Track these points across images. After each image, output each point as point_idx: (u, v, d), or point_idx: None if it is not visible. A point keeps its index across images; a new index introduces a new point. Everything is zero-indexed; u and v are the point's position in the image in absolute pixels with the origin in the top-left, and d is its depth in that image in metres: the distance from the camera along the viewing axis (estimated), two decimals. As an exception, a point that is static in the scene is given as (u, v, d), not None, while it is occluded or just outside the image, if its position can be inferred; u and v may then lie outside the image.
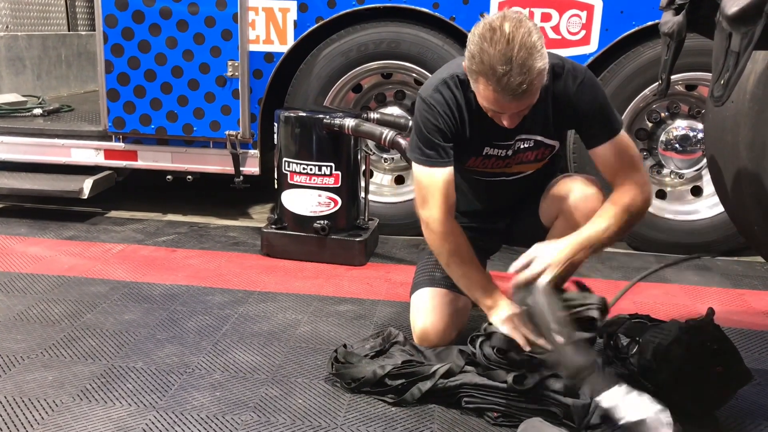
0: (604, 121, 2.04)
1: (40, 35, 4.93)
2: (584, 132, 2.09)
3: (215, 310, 2.64)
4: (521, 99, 1.82)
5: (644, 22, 3.30)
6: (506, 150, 2.16)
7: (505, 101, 1.82)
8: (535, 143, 2.16)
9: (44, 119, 4.08)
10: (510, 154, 2.18)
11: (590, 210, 2.08)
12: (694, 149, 3.53)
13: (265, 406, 1.98)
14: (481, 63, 1.78)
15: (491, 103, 1.86)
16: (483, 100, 1.88)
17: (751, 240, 2.30)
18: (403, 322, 2.55)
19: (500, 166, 2.22)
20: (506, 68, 1.74)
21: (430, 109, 2.05)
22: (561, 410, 1.86)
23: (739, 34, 1.49)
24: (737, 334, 2.52)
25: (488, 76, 1.78)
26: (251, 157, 3.68)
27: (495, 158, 2.19)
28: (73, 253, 3.23)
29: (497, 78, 1.76)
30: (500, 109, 1.87)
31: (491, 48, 1.75)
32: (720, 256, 3.53)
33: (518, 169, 2.24)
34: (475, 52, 1.80)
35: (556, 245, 1.94)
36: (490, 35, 1.76)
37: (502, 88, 1.78)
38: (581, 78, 2.02)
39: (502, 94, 1.79)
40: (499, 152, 2.17)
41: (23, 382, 2.05)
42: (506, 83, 1.76)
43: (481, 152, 2.17)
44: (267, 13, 3.49)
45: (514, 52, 1.73)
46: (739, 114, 2.01)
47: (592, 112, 2.03)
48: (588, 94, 2.02)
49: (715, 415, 2.00)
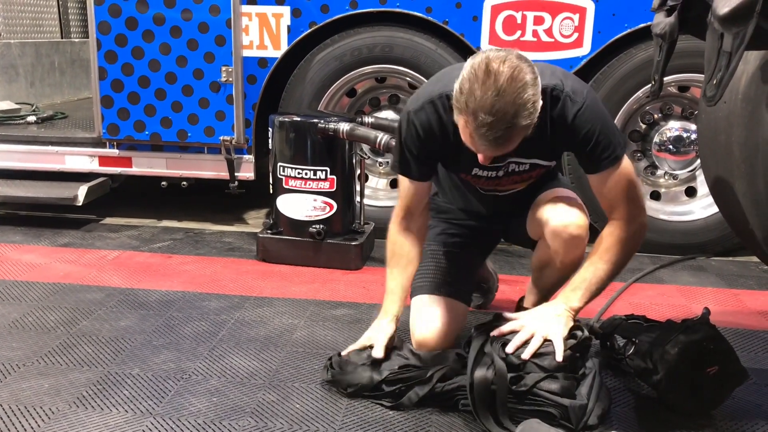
0: (602, 149, 1.96)
1: (33, 42, 4.93)
2: (581, 158, 2.04)
3: (211, 316, 2.63)
4: (496, 149, 1.79)
5: (636, 25, 3.32)
6: (496, 171, 2.14)
7: (480, 146, 1.79)
8: (530, 166, 2.14)
9: (38, 126, 4.07)
10: (501, 175, 2.15)
11: (568, 238, 2.11)
12: (687, 150, 3.54)
13: (263, 412, 1.98)
14: (466, 105, 1.72)
15: (468, 142, 1.83)
16: (462, 135, 1.84)
17: (746, 240, 2.30)
18: (400, 326, 2.55)
19: (491, 185, 2.22)
20: (488, 119, 1.69)
21: (412, 129, 2.03)
22: (558, 411, 1.86)
23: (731, 34, 1.50)
24: (733, 334, 2.52)
25: (468, 119, 1.74)
26: (246, 162, 3.68)
27: (485, 179, 2.18)
28: (68, 260, 3.22)
29: (476, 125, 1.72)
30: (475, 150, 1.84)
31: (479, 91, 1.69)
32: (715, 256, 3.54)
33: (510, 188, 2.24)
34: (464, 89, 1.73)
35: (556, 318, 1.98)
36: (484, 78, 1.69)
37: (479, 136, 1.74)
38: (580, 104, 1.92)
39: (478, 139, 1.76)
40: (489, 173, 2.15)
41: (19, 390, 2.05)
42: (483, 133, 1.72)
43: (470, 172, 2.16)
44: (260, 18, 3.49)
45: (501, 105, 1.68)
46: (731, 114, 2.02)
47: (591, 140, 1.94)
48: (587, 122, 1.93)
49: (711, 415, 2.00)
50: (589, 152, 1.97)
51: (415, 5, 3.41)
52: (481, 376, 1.89)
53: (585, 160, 2.02)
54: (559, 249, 2.14)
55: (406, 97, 3.69)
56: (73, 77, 5.35)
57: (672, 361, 1.94)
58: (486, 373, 1.89)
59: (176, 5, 3.44)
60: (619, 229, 2.01)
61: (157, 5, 3.45)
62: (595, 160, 1.99)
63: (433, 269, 2.35)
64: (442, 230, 2.44)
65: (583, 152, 2.00)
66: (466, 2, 3.37)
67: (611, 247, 2.01)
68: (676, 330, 2.01)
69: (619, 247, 2.01)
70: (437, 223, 2.45)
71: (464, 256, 2.40)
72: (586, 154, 1.99)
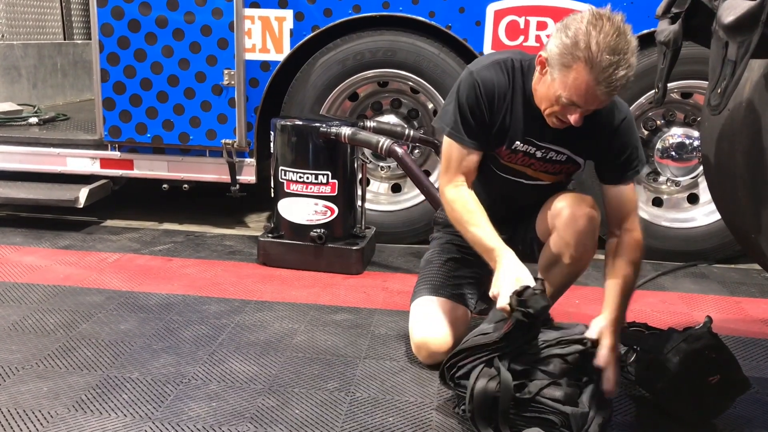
0: (632, 161, 2.05)
1: (36, 44, 4.93)
2: (608, 166, 2.09)
3: (211, 320, 2.62)
4: (611, 95, 1.81)
5: (639, 31, 3.31)
6: (536, 150, 2.12)
7: (597, 93, 1.78)
8: (567, 158, 2.14)
9: (40, 128, 4.07)
10: (539, 156, 2.14)
11: (582, 228, 2.08)
12: (690, 157, 3.53)
13: (262, 417, 1.97)
14: (588, 49, 1.72)
15: (579, 94, 1.81)
16: (567, 90, 1.82)
17: (748, 247, 2.29)
18: (400, 331, 2.55)
19: (525, 164, 2.18)
20: (615, 59, 1.71)
21: (474, 86, 2.02)
22: (559, 419, 1.85)
23: (736, 43, 1.49)
24: (735, 342, 2.51)
25: (593, 64, 1.74)
26: (247, 165, 3.68)
27: (523, 154, 2.14)
28: (68, 262, 3.21)
29: (603, 67, 1.73)
30: (584, 103, 1.83)
31: (600, 36, 1.72)
32: (717, 263, 3.53)
33: (538, 176, 2.22)
34: (579, 38, 1.74)
35: None
36: (601, 24, 1.73)
37: (604, 79, 1.74)
38: (625, 114, 2.02)
39: (601, 85, 1.76)
40: (528, 149, 2.12)
41: (18, 393, 2.04)
42: (610, 74, 1.73)
43: (511, 144, 2.13)
44: (263, 21, 3.49)
45: (623, 45, 1.72)
46: (735, 121, 2.01)
47: (626, 150, 2.03)
48: (628, 131, 2.02)
49: (712, 424, 2.00)
50: (620, 162, 2.03)
51: (418, 10, 3.41)
52: (482, 388, 1.87)
53: (611, 168, 2.07)
54: (570, 240, 2.09)
55: (408, 101, 3.69)
56: (76, 79, 5.36)
57: (674, 370, 1.93)
58: (488, 385, 1.87)
59: (179, 8, 3.44)
60: (634, 239, 2.05)
61: (160, 8, 3.45)
62: (622, 171, 2.05)
63: (434, 274, 2.34)
64: (447, 240, 2.42)
65: (614, 160, 2.04)
66: (470, 7, 3.37)
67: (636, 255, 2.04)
68: (678, 338, 2.00)
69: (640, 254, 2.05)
70: (443, 235, 2.44)
71: (467, 264, 2.38)
72: (615, 163, 2.04)
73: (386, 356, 2.38)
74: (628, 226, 2.06)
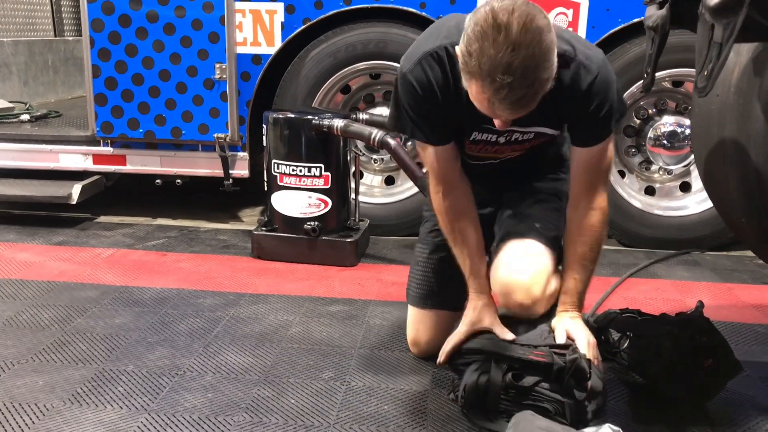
0: (605, 123, 1.82)
1: (27, 41, 4.91)
2: (580, 129, 1.89)
3: (206, 313, 2.63)
4: (519, 111, 1.59)
5: (630, 20, 3.32)
6: (497, 136, 1.95)
7: (499, 111, 1.59)
8: (535, 134, 1.97)
9: (32, 125, 4.06)
10: (502, 141, 1.98)
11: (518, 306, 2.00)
12: (682, 145, 3.55)
13: (258, 407, 1.97)
14: (479, 68, 1.52)
15: (484, 109, 1.63)
16: (475, 101, 1.63)
17: (740, 234, 2.31)
18: (395, 322, 2.56)
19: (489, 152, 2.03)
20: (507, 80, 1.49)
21: (411, 89, 1.84)
22: (553, 406, 1.85)
23: (721, 25, 1.50)
24: (727, 327, 2.53)
25: (484, 83, 1.53)
26: (240, 159, 3.68)
27: (483, 143, 1.99)
28: (62, 258, 3.21)
29: (495, 88, 1.52)
30: (493, 117, 1.65)
31: (492, 49, 1.48)
32: (709, 251, 3.55)
33: (509, 155, 2.08)
34: (472, 50, 1.52)
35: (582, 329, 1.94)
36: (494, 34, 1.48)
37: (499, 100, 1.54)
38: (595, 74, 1.75)
39: (498, 104, 1.56)
40: (488, 137, 1.96)
41: (14, 387, 2.04)
42: (504, 95, 1.52)
43: (470, 136, 1.97)
44: (254, 15, 3.49)
45: (519, 61, 1.48)
46: (724, 107, 2.03)
47: (601, 111, 1.79)
48: (600, 95, 1.77)
49: (705, 407, 2.01)
50: (594, 124, 1.83)
51: (409, 1, 3.41)
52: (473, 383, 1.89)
53: (584, 130, 1.88)
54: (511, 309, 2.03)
55: (401, 93, 3.69)
56: (67, 75, 5.34)
57: (666, 354, 1.95)
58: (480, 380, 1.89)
59: (169, 2, 3.43)
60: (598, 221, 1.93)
61: (151, 2, 3.45)
62: (596, 133, 1.86)
63: (420, 278, 2.30)
64: (432, 226, 2.29)
65: (587, 123, 1.85)
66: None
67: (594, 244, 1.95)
68: (671, 323, 2.02)
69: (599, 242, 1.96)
70: (430, 217, 2.36)
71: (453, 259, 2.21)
72: (589, 125, 1.85)
73: (381, 346, 2.39)
74: (595, 203, 1.91)
